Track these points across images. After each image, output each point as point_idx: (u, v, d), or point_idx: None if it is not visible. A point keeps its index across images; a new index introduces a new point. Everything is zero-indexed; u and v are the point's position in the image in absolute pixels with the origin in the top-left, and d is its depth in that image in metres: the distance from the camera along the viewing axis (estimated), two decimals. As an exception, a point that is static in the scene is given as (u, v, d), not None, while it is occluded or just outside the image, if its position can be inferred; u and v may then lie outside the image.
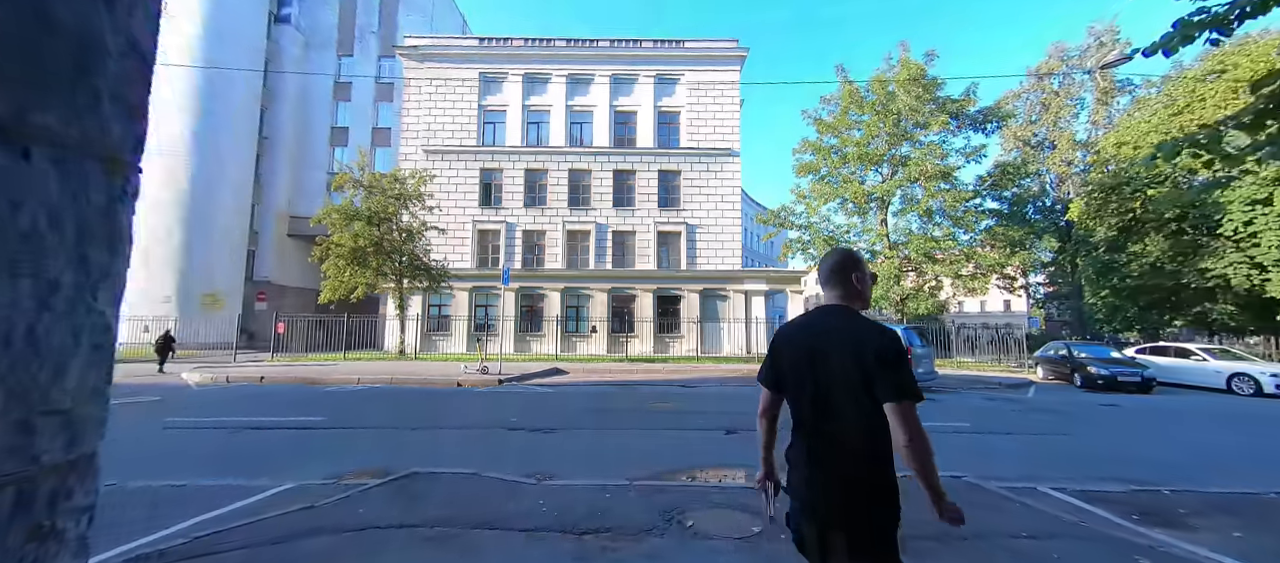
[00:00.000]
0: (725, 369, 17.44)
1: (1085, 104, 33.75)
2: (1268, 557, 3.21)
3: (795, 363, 1.74)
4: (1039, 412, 9.97)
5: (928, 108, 19.90)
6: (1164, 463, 5.95)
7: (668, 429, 7.57)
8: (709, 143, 26.77)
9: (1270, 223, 20.10)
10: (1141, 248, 23.99)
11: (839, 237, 22.95)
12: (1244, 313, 22.70)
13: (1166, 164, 22.94)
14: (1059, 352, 15.79)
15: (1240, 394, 13.26)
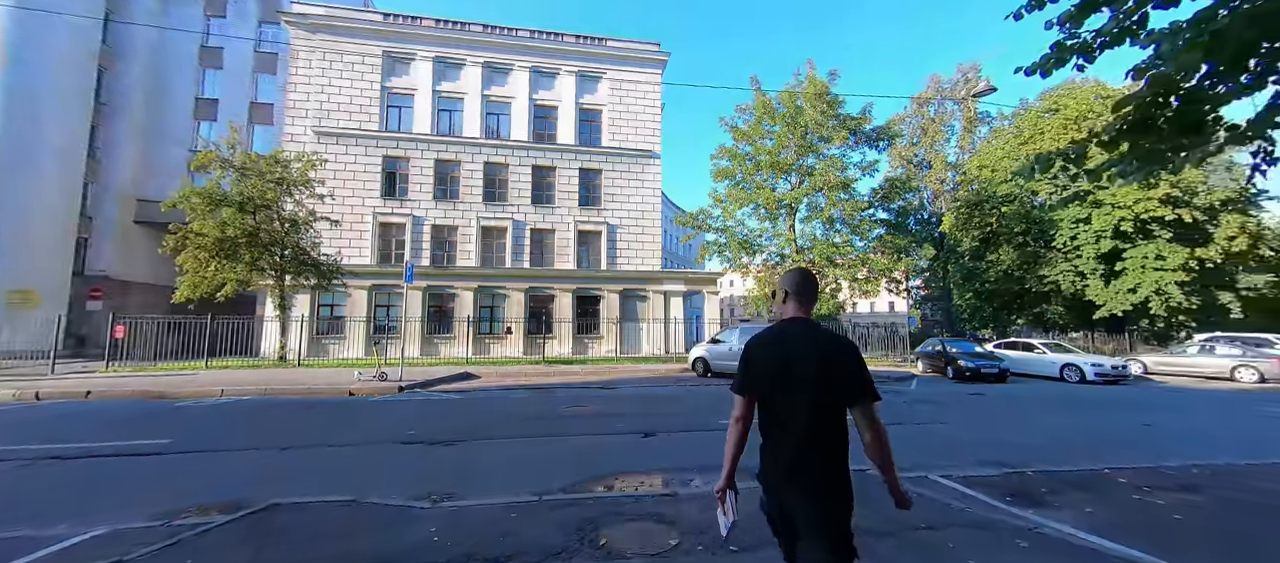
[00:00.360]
0: (644, 370, 17.44)
1: (955, 131, 38.75)
2: (1114, 528, 3.63)
3: (770, 371, 1.89)
4: (921, 403, 11.03)
5: (830, 123, 21.52)
6: (1024, 446, 6.75)
7: (584, 435, 7.25)
8: (631, 143, 26.78)
9: (1089, 238, 24.29)
10: (997, 257, 27.88)
11: (753, 240, 24.05)
12: (1070, 313, 27.27)
13: (1016, 186, 26.90)
14: (935, 347, 17.77)
15: (1069, 381, 15.77)
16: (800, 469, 1.83)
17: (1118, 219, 22.95)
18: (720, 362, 15.36)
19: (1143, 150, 3.25)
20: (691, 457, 6.03)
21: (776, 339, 1.95)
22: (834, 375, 1.82)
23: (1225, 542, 3.50)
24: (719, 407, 10.01)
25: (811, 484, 1.82)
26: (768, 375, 1.91)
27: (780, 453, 1.88)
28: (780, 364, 1.88)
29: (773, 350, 1.93)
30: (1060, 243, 25.47)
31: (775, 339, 1.95)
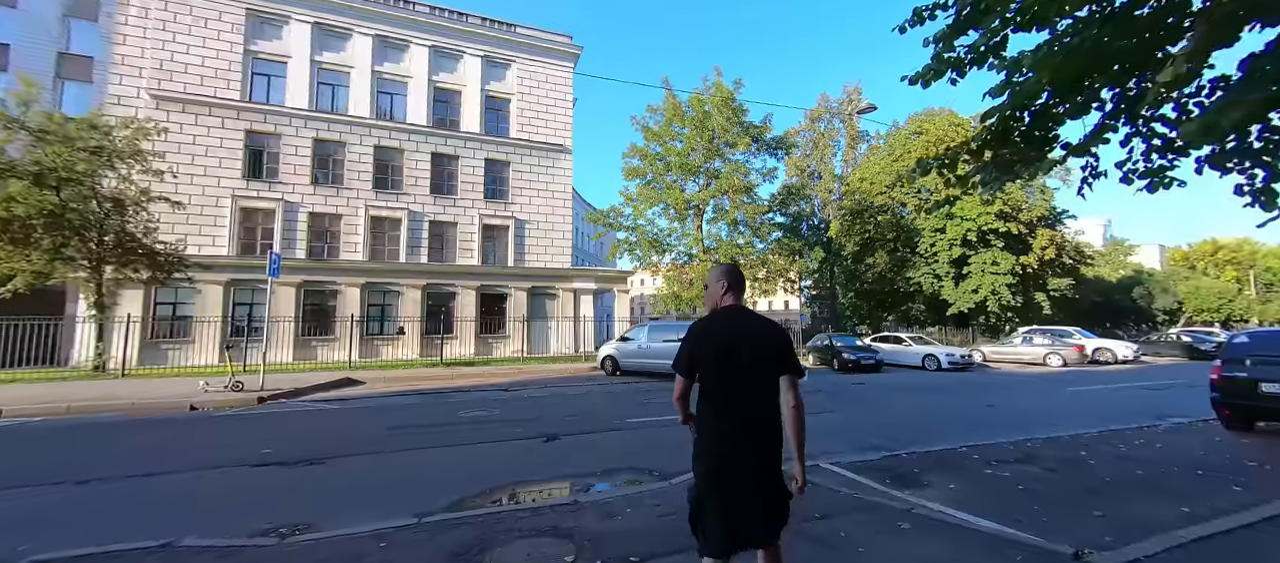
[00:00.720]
0: (552, 370, 16.89)
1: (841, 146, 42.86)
2: (974, 502, 4.02)
3: (714, 354, 2.06)
4: (812, 393, 11.86)
5: (736, 130, 22.63)
6: (898, 428, 7.45)
7: (480, 443, 6.68)
8: (541, 136, 25.90)
9: (944, 246, 28.16)
10: (874, 260, 31.29)
11: (662, 239, 24.50)
12: (928, 310, 31.45)
13: (889, 197, 30.37)
14: (824, 342, 19.38)
15: (929, 369, 18.06)
16: (741, 439, 2.02)
17: (965, 230, 26.85)
18: (630, 359, 15.32)
19: (1002, 160, 3.63)
20: (596, 460, 5.78)
21: (717, 325, 2.15)
22: (767, 355, 2.05)
23: (1055, 504, 4.02)
24: (627, 406, 9.90)
25: (752, 450, 2.01)
26: (709, 357, 2.08)
27: (722, 426, 2.05)
28: (720, 347, 2.06)
29: (713, 335, 2.11)
30: (923, 249, 29.25)
31: (715, 325, 2.15)
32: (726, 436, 2.04)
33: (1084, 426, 7.30)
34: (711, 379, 2.08)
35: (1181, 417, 8.23)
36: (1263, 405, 6.54)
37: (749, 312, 2.21)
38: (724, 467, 2.03)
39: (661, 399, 10.59)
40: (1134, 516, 3.73)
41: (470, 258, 23.79)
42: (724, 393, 2.06)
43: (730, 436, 2.04)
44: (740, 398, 2.04)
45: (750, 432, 2.03)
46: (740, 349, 2.05)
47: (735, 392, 2.04)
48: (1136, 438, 6.50)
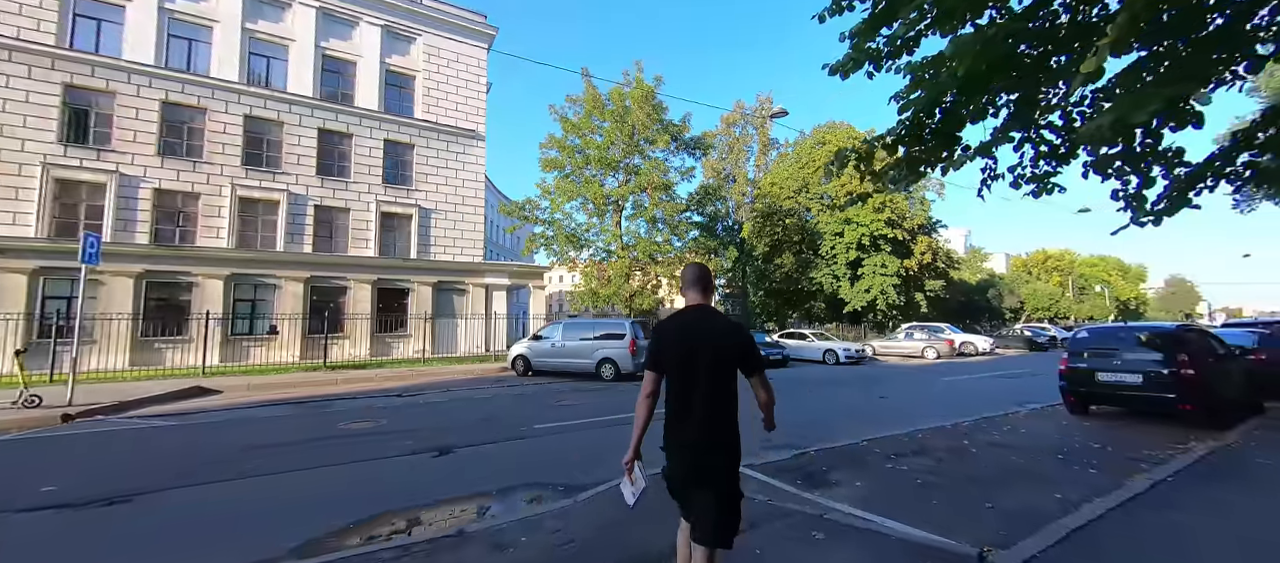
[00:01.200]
0: (458, 371, 15.63)
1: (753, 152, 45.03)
2: (881, 501, 4.03)
3: (680, 352, 2.16)
4: (726, 390, 12.05)
5: (655, 127, 22.61)
6: (806, 424, 7.63)
7: (355, 462, 5.73)
8: (450, 120, 24.02)
9: (842, 249, 30.56)
10: (782, 261, 33.17)
11: (580, 234, 23.85)
12: (828, 308, 34.05)
13: (795, 202, 32.28)
14: (736, 339, 20.04)
15: (829, 363, 19.37)
16: (705, 430, 2.13)
17: (860, 235, 29.31)
18: (543, 359, 14.58)
19: (913, 157, 3.63)
20: (493, 475, 5.16)
21: (682, 324, 2.22)
22: (731, 353, 2.15)
23: (951, 497, 4.15)
24: (537, 409, 9.26)
25: (714, 442, 2.14)
26: (675, 355, 2.17)
27: (687, 418, 2.14)
28: (686, 344, 2.15)
29: (679, 333, 2.20)
30: (824, 252, 31.51)
31: (681, 324, 2.23)
32: (686, 427, 2.15)
33: (961, 414, 7.98)
34: (680, 377, 2.17)
35: (1035, 403, 9.36)
36: (1099, 392, 7.56)
37: (715, 312, 2.30)
38: (686, 455, 2.16)
39: (577, 400, 10.08)
40: (1019, 505, 3.94)
41: (366, 248, 21.44)
42: (682, 389, 2.16)
43: (690, 426, 2.14)
44: (698, 392, 2.13)
45: (708, 422, 2.14)
46: (703, 349, 2.14)
47: (693, 387, 2.14)
48: (1005, 425, 7.19)
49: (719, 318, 2.27)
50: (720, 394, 2.15)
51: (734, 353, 2.18)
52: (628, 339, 13.51)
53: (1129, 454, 5.43)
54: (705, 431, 2.15)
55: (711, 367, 2.14)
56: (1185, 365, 6.81)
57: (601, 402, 10.09)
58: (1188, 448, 5.83)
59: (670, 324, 2.28)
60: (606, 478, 4.62)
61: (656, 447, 2.34)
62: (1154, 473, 4.51)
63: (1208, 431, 6.68)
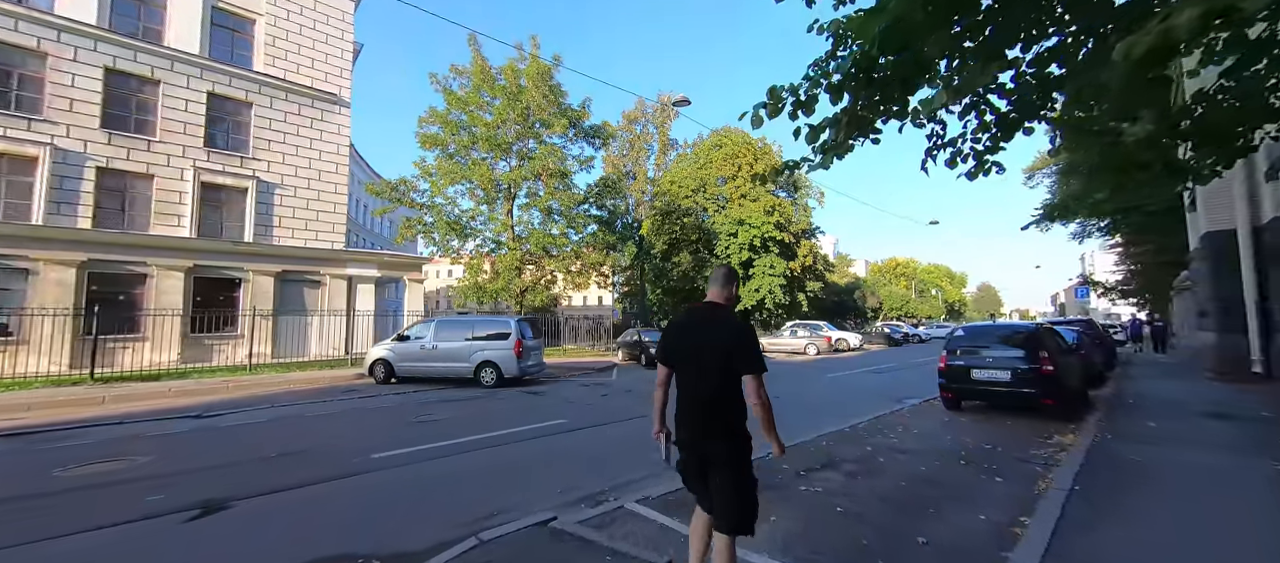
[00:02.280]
0: (298, 380, 12.74)
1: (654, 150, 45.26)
2: (803, 541, 3.24)
3: (687, 345, 2.38)
4: (619, 394, 11.10)
5: (552, 110, 21.00)
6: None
7: (47, 539, 3.65)
8: (305, 79, 20.12)
9: (736, 249, 31.62)
10: (680, 260, 33.48)
11: (465, 222, 21.39)
12: (722, 307, 35.24)
13: (693, 202, 32.73)
14: (633, 337, 19.31)
15: (724, 362, 19.52)
16: (712, 420, 2.28)
17: (752, 236, 30.53)
18: (409, 363, 12.40)
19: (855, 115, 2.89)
20: (275, 547, 3.51)
21: (689, 322, 2.48)
22: (731, 351, 2.27)
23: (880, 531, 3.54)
24: (389, 428, 7.44)
25: (722, 430, 2.28)
26: (681, 351, 2.39)
27: (692, 410, 2.31)
28: (690, 341, 2.37)
29: (685, 331, 2.44)
30: (719, 251, 32.36)
31: (688, 321, 2.48)
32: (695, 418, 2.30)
33: (853, 412, 7.87)
34: (685, 372, 2.35)
35: (911, 398, 9.75)
36: (974, 389, 7.87)
37: (723, 309, 2.43)
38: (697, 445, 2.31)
39: (444, 414, 8.38)
40: (951, 536, 3.42)
41: (177, 226, 17.01)
42: (687, 381, 2.33)
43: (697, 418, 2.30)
44: (699, 385, 2.28)
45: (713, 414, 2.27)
46: (705, 347, 2.31)
47: (696, 380, 2.29)
48: (897, 425, 7.11)
49: (724, 317, 2.37)
50: (722, 388, 2.26)
51: (729, 349, 2.26)
52: (513, 339, 11.95)
53: (1018, 455, 5.41)
54: (707, 422, 2.28)
55: (711, 363, 2.27)
56: (1046, 362, 7.26)
57: (476, 415, 8.52)
58: (1056, 442, 6.07)
59: (679, 321, 2.50)
60: (461, 536, 3.32)
61: None
62: (1056, 479, 4.36)
63: (1063, 422, 7.18)
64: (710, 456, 2.27)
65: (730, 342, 2.26)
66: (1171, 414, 7.21)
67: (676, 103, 13.09)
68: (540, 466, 5.51)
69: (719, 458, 2.26)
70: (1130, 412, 7.49)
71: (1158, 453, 5.14)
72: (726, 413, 2.26)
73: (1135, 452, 5.19)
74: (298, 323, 18.32)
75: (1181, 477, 4.45)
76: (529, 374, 12.66)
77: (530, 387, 12.06)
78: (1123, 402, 8.45)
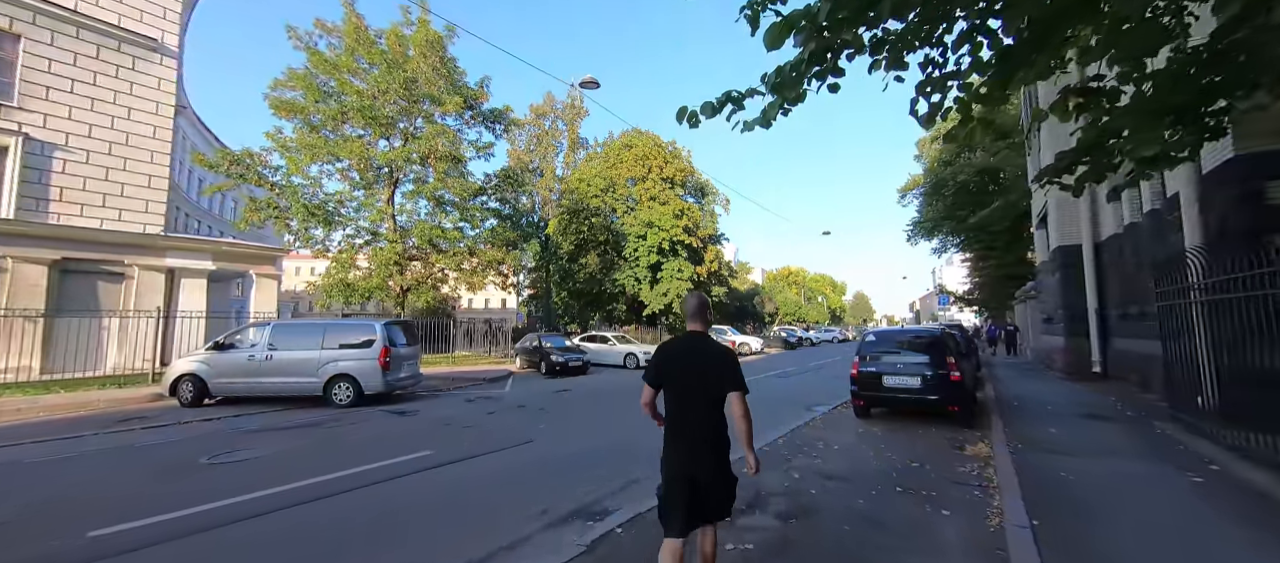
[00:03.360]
0: (59, 405, 9.30)
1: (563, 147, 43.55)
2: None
3: (677, 371, 2.57)
4: (508, 410, 9.53)
5: (444, 85, 18.53)
6: (602, 459, 5.70)
7: None
8: (110, 13, 15.68)
9: (645, 251, 31.03)
10: (587, 261, 32.13)
11: (331, 207, 18.07)
12: (629, 311, 34.44)
13: (601, 202, 31.67)
14: (532, 343, 17.59)
15: (629, 368, 18.56)
16: (700, 439, 2.48)
17: (661, 239, 30.16)
18: (232, 379, 9.63)
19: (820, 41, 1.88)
20: None
21: (682, 349, 2.61)
22: (718, 374, 2.50)
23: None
24: (152, 483, 5.14)
25: (710, 447, 2.48)
26: (673, 374, 2.57)
27: (687, 432, 2.51)
28: (682, 365, 2.56)
29: (680, 356, 2.59)
30: (628, 253, 31.58)
31: (681, 349, 2.62)
32: (684, 438, 2.51)
33: (767, 425, 7.17)
34: (676, 394, 2.56)
35: (819, 405, 9.44)
36: (886, 396, 7.59)
37: (707, 337, 2.65)
38: (694, 470, 2.45)
39: (262, 450, 6.20)
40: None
41: (-128, 191, 12.07)
42: (677, 403, 2.55)
43: (687, 437, 2.50)
44: (694, 408, 2.51)
45: (702, 433, 2.48)
46: (695, 371, 2.52)
47: (689, 403, 2.52)
48: (817, 442, 6.50)
49: (711, 343, 2.61)
50: (710, 408, 2.50)
51: (719, 373, 2.50)
52: (377, 347, 9.79)
53: (948, 476, 4.93)
54: (699, 438, 2.48)
55: (701, 384, 2.51)
56: (953, 368, 7.14)
57: (307, 449, 6.48)
58: (972, 454, 5.78)
59: (671, 347, 2.66)
60: None
61: None
62: (1007, 510, 3.80)
63: (963, 428, 7.09)
64: (701, 467, 2.44)
65: (719, 365, 2.51)
66: (1056, 418, 7.46)
67: (583, 84, 11.86)
68: (373, 533, 3.89)
69: (709, 467, 2.46)
70: (1019, 416, 7.66)
71: (1079, 467, 4.94)
72: (715, 427, 2.49)
73: (1058, 465, 4.95)
74: (86, 327, 14.02)
75: (1124, 498, 4.14)
76: (401, 388, 10.55)
77: (399, 404, 9.98)
78: (1007, 405, 8.77)
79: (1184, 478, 4.42)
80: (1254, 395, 5.33)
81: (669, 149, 34.08)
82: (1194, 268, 6.16)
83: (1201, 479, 4.34)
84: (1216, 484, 4.28)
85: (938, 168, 33.90)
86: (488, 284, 22.99)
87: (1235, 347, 5.51)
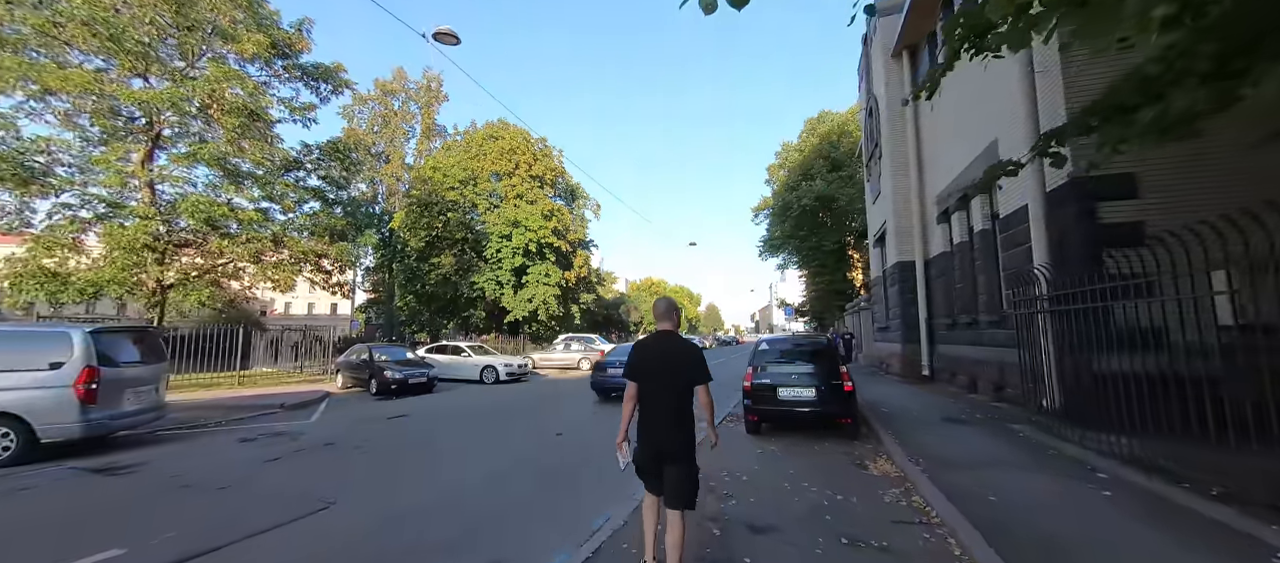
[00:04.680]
0: None
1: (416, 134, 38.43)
2: None
3: (651, 366, 2.94)
4: (307, 453, 6.84)
5: (241, 14, 14.03)
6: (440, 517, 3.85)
7: None
8: None
9: (508, 253, 28.35)
10: (440, 261, 28.23)
11: (33, 163, 12.27)
12: (489, 318, 31.20)
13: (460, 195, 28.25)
14: (360, 356, 14.13)
15: (487, 383, 16.13)
16: (670, 425, 2.87)
17: (528, 240, 27.85)
18: None
19: None
20: None
21: (656, 348, 2.99)
22: (685, 369, 2.91)
23: None
24: None
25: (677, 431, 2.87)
26: (648, 368, 2.95)
27: (656, 416, 2.91)
28: (656, 362, 2.95)
29: (653, 352, 2.98)
30: (490, 254, 28.52)
31: (655, 348, 2.99)
32: (656, 423, 2.90)
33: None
34: (650, 386, 2.93)
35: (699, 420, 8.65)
36: (780, 410, 6.96)
37: (676, 336, 3.07)
38: (656, 444, 2.88)
39: None
40: None
41: None
42: (650, 394, 2.93)
43: (659, 423, 2.89)
44: (665, 399, 2.90)
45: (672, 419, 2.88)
46: (667, 369, 2.92)
47: (659, 393, 2.91)
48: (720, 470, 5.43)
49: (680, 340, 3.03)
50: (680, 399, 2.89)
51: (688, 368, 2.90)
52: (74, 369, 6.27)
53: (885, 514, 4.17)
54: (670, 426, 2.87)
55: (673, 378, 2.90)
56: (846, 378, 6.77)
57: None
58: (883, 475, 5.27)
59: (647, 345, 3.03)
60: None
61: None
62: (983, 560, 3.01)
63: (853, 441, 6.77)
64: (670, 450, 2.86)
65: (688, 361, 2.92)
66: (925, 425, 7.56)
67: (438, 36, 9.56)
68: None
69: (677, 451, 2.86)
70: (897, 425, 7.67)
71: (990, 483, 4.61)
72: (684, 415, 2.89)
73: (971, 484, 4.55)
74: None
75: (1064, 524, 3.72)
76: (124, 428, 7.00)
77: (111, 454, 6.55)
78: (877, 413, 8.92)
79: (1094, 492, 4.28)
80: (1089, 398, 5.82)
81: (538, 145, 31.99)
82: (1040, 282, 6.66)
83: (1109, 493, 4.23)
84: (1122, 494, 4.17)
85: (784, 192, 37.64)
86: (303, 282, 18.31)
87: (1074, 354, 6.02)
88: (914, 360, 13.46)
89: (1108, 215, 6.31)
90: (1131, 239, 6.15)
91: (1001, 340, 8.96)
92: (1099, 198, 6.35)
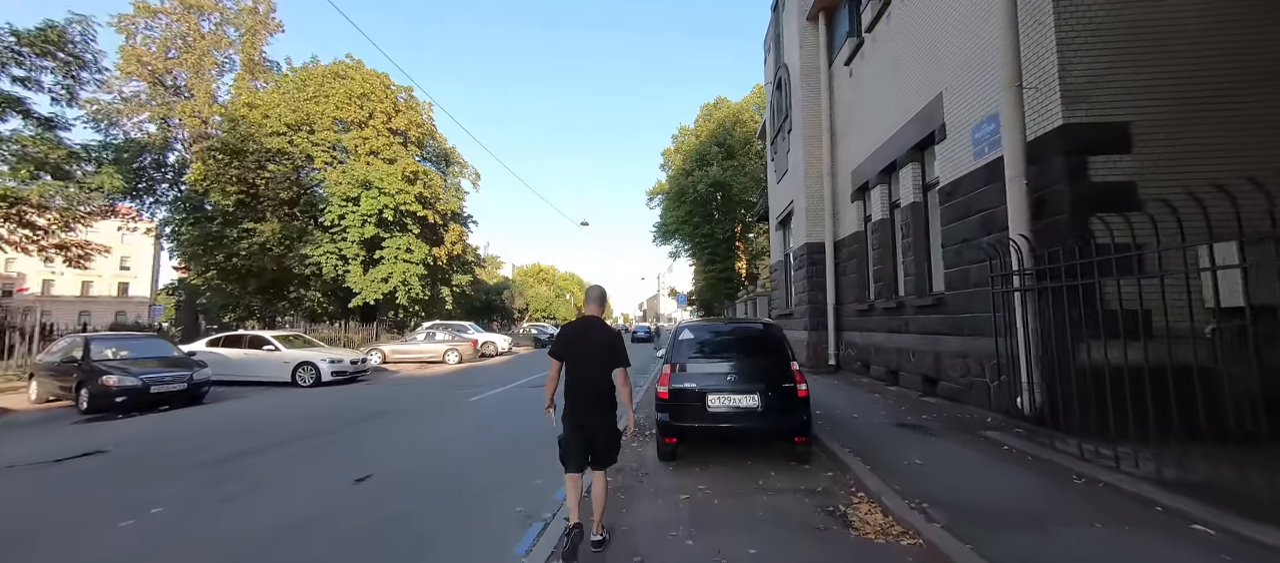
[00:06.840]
0: None
1: (234, 68, 30.11)
2: None
3: (575, 347, 3.21)
4: None
5: None
6: None
7: None
8: None
9: (356, 221, 22.98)
10: (262, 228, 21.94)
11: None
12: (330, 300, 25.34)
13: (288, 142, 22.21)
14: (73, 352, 9.20)
15: (303, 385, 11.95)
16: (594, 403, 3.14)
17: (382, 205, 22.82)
18: None
19: None
20: None
21: (580, 330, 3.25)
22: (608, 354, 3.20)
23: None
24: None
25: (600, 409, 3.16)
26: (572, 350, 3.21)
27: (582, 395, 3.15)
28: (580, 344, 3.21)
29: (577, 335, 3.24)
30: (330, 220, 22.87)
31: (579, 330, 3.25)
32: (582, 401, 3.14)
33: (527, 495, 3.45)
34: (574, 365, 3.20)
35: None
36: (708, 425, 4.78)
37: (601, 321, 3.33)
38: (585, 423, 3.14)
39: None
40: None
41: None
42: (574, 373, 3.19)
43: (584, 401, 3.14)
44: (589, 377, 3.17)
45: (595, 397, 3.15)
46: (589, 349, 3.19)
47: (583, 372, 3.17)
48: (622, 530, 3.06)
49: (605, 329, 3.26)
50: (601, 379, 3.17)
51: (607, 352, 3.19)
52: None
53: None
54: (592, 401, 3.14)
55: (596, 359, 3.18)
56: (800, 380, 4.82)
57: None
58: (872, 533, 3.32)
59: (572, 329, 3.29)
60: None
61: None
62: None
63: (803, 466, 4.88)
64: (594, 424, 3.14)
65: (608, 346, 3.20)
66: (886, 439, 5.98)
67: None
68: None
69: (602, 424, 3.16)
70: (849, 438, 6.00)
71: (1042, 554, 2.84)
72: (607, 394, 3.17)
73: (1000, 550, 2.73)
74: None
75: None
76: None
77: None
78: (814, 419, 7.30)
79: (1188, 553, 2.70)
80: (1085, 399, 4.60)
81: (403, 96, 26.64)
82: (1018, 254, 5.38)
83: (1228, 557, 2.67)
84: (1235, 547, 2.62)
85: (679, 177, 36.74)
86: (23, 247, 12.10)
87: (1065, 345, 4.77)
88: (821, 349, 12.51)
89: (1099, 173, 5.16)
90: (1125, 202, 5.05)
91: (936, 327, 7.91)
92: (1090, 151, 5.17)
